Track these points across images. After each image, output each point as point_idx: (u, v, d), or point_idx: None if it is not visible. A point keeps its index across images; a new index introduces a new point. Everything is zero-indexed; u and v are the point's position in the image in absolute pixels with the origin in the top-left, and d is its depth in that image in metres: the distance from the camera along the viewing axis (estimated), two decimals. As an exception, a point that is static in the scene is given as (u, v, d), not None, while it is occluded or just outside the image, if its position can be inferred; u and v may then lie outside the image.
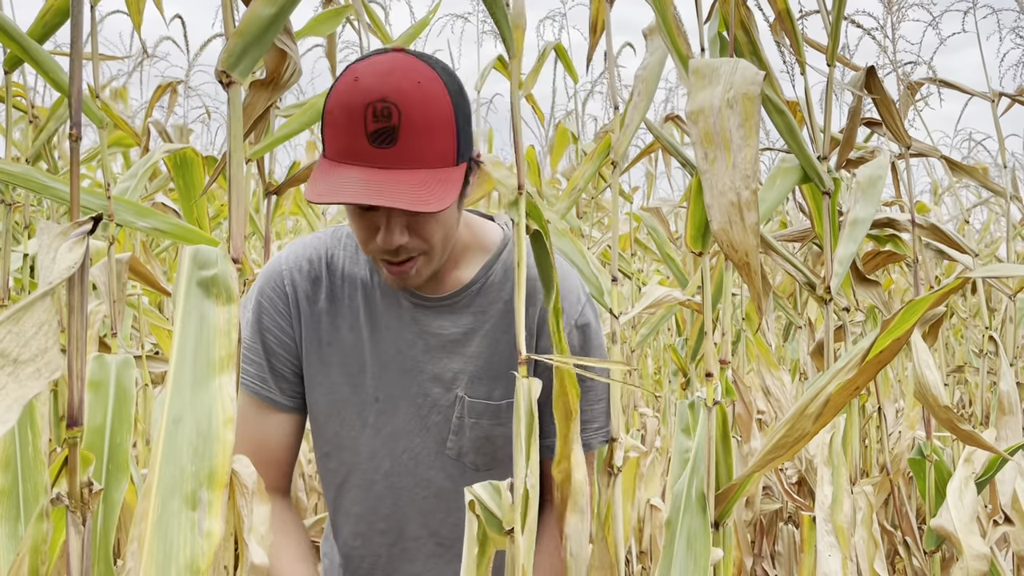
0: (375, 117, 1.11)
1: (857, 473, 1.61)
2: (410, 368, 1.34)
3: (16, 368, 0.57)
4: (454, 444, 1.34)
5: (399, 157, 1.13)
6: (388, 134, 1.12)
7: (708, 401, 1.15)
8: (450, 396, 1.32)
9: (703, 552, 1.11)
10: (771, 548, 3.43)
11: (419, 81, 1.14)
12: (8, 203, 2.11)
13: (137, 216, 2.08)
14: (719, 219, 0.94)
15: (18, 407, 0.56)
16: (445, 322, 1.33)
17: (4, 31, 1.86)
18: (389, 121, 1.11)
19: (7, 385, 0.56)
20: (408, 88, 1.13)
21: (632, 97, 1.15)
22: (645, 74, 1.27)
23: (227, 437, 0.74)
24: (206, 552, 0.72)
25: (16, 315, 0.59)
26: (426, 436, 1.35)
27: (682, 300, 1.76)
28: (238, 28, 0.71)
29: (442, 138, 1.15)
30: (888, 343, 0.96)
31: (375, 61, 1.17)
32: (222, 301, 0.76)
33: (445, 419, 1.33)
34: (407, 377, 1.34)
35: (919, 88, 1.99)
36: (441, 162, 1.15)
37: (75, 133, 0.65)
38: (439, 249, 1.25)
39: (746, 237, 0.93)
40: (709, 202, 0.94)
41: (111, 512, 1.63)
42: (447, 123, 1.15)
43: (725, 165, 0.93)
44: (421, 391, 1.34)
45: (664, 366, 4.50)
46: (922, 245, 1.96)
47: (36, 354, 0.57)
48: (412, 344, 1.33)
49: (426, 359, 1.33)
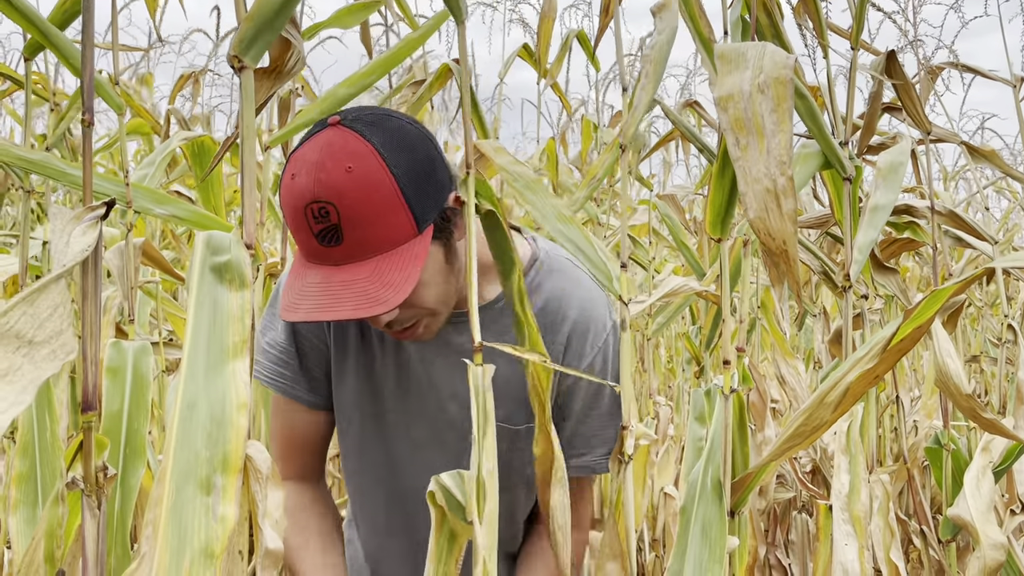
0: (315, 218, 1.09)
1: (873, 462, 1.60)
2: (429, 384, 1.33)
3: (31, 349, 0.57)
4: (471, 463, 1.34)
5: (349, 252, 1.10)
6: (332, 233, 1.09)
7: (725, 389, 1.14)
8: (467, 415, 1.32)
9: (719, 540, 1.10)
10: (784, 537, 3.42)
11: (349, 167, 1.08)
12: (27, 190, 2.12)
13: (155, 203, 2.09)
14: (755, 207, 0.92)
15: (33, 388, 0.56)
16: (465, 339, 1.31)
17: (25, 17, 1.86)
18: (328, 220, 1.08)
19: (22, 366, 0.56)
20: (339, 181, 1.08)
21: (640, 78, 1.13)
22: (653, 54, 1.25)
23: (241, 422, 0.74)
24: (220, 537, 0.72)
25: (31, 297, 0.59)
26: (443, 452, 1.35)
27: (698, 290, 1.75)
28: (249, 13, 0.70)
29: (390, 219, 1.10)
30: (910, 331, 0.95)
31: (309, 146, 1.12)
32: (235, 287, 0.76)
33: (461, 438, 1.31)
34: (426, 393, 1.34)
35: (940, 73, 1.96)
36: (397, 241, 1.11)
37: (87, 119, 0.65)
38: (438, 306, 1.22)
39: (784, 225, 0.92)
40: (743, 190, 0.92)
41: (128, 497, 1.64)
42: (391, 203, 1.10)
43: (758, 152, 0.91)
44: (439, 407, 1.33)
45: (677, 355, 4.48)
46: (941, 233, 1.93)
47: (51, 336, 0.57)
48: (432, 361, 1.32)
49: (445, 375, 1.32)
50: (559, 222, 1.35)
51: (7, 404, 0.54)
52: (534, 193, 1.32)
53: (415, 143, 1.14)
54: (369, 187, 1.08)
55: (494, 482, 0.95)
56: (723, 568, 1.08)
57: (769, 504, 3.25)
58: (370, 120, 1.14)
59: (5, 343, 0.57)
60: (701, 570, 1.08)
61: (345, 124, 1.12)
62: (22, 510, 1.64)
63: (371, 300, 1.09)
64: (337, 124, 1.12)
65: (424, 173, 1.13)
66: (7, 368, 0.55)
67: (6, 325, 0.56)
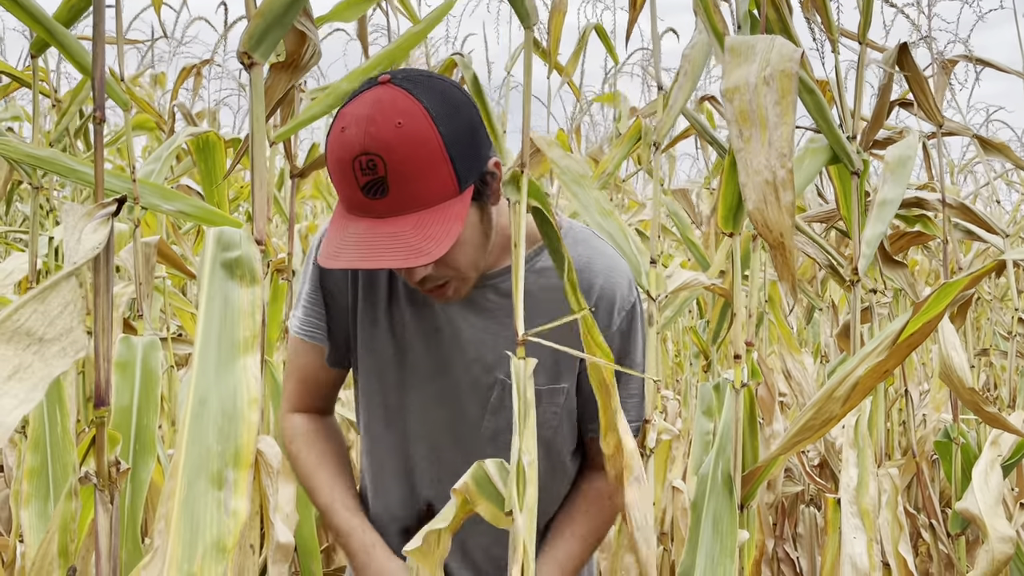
0: (363, 171, 1.13)
1: (882, 456, 1.60)
2: (453, 345, 1.36)
3: (41, 347, 0.57)
4: (491, 422, 1.36)
5: (394, 205, 1.14)
6: (378, 185, 1.13)
7: (736, 383, 1.14)
8: (490, 378, 1.34)
9: (730, 533, 1.10)
10: (792, 530, 3.42)
11: (399, 123, 1.13)
12: (35, 186, 2.13)
13: (162, 199, 2.09)
14: (754, 198, 0.93)
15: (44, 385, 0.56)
16: (490, 295, 1.33)
17: (31, 15, 1.87)
18: (376, 173, 1.13)
19: (33, 364, 0.56)
20: (389, 135, 1.12)
21: (678, 77, 1.13)
22: (693, 54, 1.24)
23: (252, 417, 0.75)
24: (232, 530, 0.72)
25: (42, 294, 0.59)
26: (464, 411, 1.37)
27: (708, 284, 1.74)
28: (259, 8, 0.70)
29: (434, 176, 1.15)
30: (919, 326, 0.95)
31: (359, 102, 1.16)
32: (246, 282, 0.76)
33: (482, 400, 1.35)
34: (450, 353, 1.36)
35: (954, 67, 1.95)
36: (440, 198, 1.16)
37: (99, 115, 0.65)
38: (469, 269, 1.27)
39: (781, 217, 0.92)
40: (744, 181, 0.93)
41: (139, 491, 1.65)
42: (437, 159, 1.14)
43: (760, 143, 0.92)
44: (464, 367, 1.36)
45: (685, 349, 4.48)
46: (951, 226, 1.92)
47: (61, 333, 0.58)
48: (456, 319, 1.35)
49: (470, 336, 1.35)
50: (599, 215, 1.37)
51: (18, 401, 0.54)
52: (580, 186, 1.35)
53: (460, 105, 1.19)
54: (417, 143, 1.13)
55: (534, 472, 0.95)
56: (735, 561, 1.08)
57: (777, 498, 3.25)
58: (419, 80, 1.18)
59: (15, 341, 0.58)
60: (713, 563, 1.08)
61: (395, 83, 1.16)
62: (34, 504, 1.65)
63: (414, 251, 1.13)
64: (387, 83, 1.17)
65: (468, 134, 1.18)
66: (17, 366, 0.55)
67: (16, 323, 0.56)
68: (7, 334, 0.56)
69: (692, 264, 4.28)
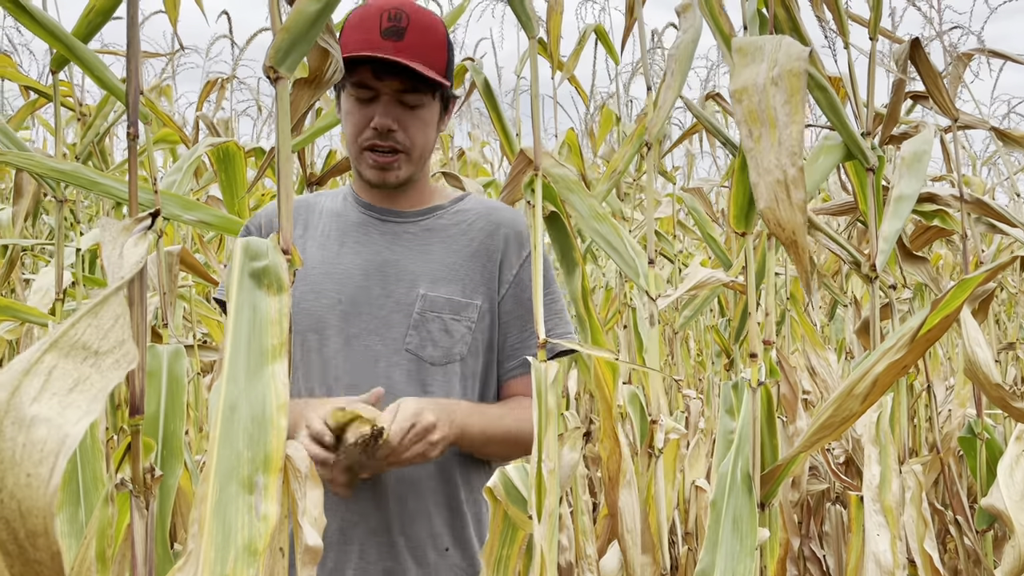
0: (388, 19, 1.36)
1: (906, 452, 1.59)
2: (375, 271, 1.46)
3: (97, 359, 0.60)
4: (414, 337, 1.44)
5: (405, 50, 1.36)
6: (397, 31, 1.36)
7: (752, 382, 1.15)
8: (412, 294, 1.45)
9: (749, 533, 1.11)
10: (818, 528, 3.40)
11: (423, 7, 1.41)
12: (60, 199, 2.17)
13: (183, 209, 2.13)
14: (765, 197, 0.94)
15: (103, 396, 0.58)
16: (411, 228, 1.51)
17: (50, 32, 1.91)
18: (399, 23, 1.36)
19: (90, 376, 0.58)
20: (415, 8, 1.40)
21: (665, 77, 1.14)
22: (678, 53, 1.26)
23: (281, 423, 0.76)
24: (263, 534, 0.74)
25: (94, 309, 0.61)
26: (386, 334, 1.44)
27: (726, 282, 1.75)
28: (285, 24, 0.72)
29: (438, 51, 1.40)
30: (937, 321, 0.95)
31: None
32: (273, 291, 0.78)
33: (406, 316, 1.45)
34: (372, 279, 1.46)
35: (969, 61, 1.94)
36: (436, 68, 1.40)
37: (132, 132, 0.67)
38: (417, 152, 1.45)
39: (793, 215, 0.93)
40: (755, 180, 0.94)
41: (167, 497, 1.68)
42: (442, 43, 1.41)
43: (770, 143, 0.93)
44: (384, 292, 1.45)
45: (707, 347, 4.47)
46: (971, 220, 1.91)
47: (114, 345, 0.60)
48: (378, 252, 1.48)
49: (391, 262, 1.47)
50: (593, 220, 1.39)
51: (81, 412, 0.56)
52: (573, 192, 1.37)
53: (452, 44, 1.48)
54: (435, 23, 1.42)
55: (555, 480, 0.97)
56: (754, 560, 1.09)
57: (802, 496, 3.24)
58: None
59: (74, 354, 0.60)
60: (733, 563, 1.09)
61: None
62: (66, 510, 1.68)
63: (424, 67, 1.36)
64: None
65: (453, 58, 1.46)
66: (77, 379, 0.58)
67: (74, 337, 0.59)
68: (65, 348, 0.59)
69: (714, 262, 4.27)
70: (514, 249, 1.49)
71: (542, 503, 0.92)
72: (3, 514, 0.54)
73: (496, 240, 1.49)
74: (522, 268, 1.48)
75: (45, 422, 0.56)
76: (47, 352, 0.60)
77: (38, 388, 0.59)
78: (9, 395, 0.57)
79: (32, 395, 0.58)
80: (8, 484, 0.55)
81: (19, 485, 0.55)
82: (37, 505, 0.55)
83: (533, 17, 0.96)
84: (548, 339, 0.98)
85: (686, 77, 1.14)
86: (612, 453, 1.12)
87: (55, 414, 0.57)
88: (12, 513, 0.54)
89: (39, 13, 1.90)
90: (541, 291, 1.05)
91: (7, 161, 1.88)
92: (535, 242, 1.02)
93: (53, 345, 0.61)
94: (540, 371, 0.98)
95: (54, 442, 0.56)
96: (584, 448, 3.44)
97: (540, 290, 1.04)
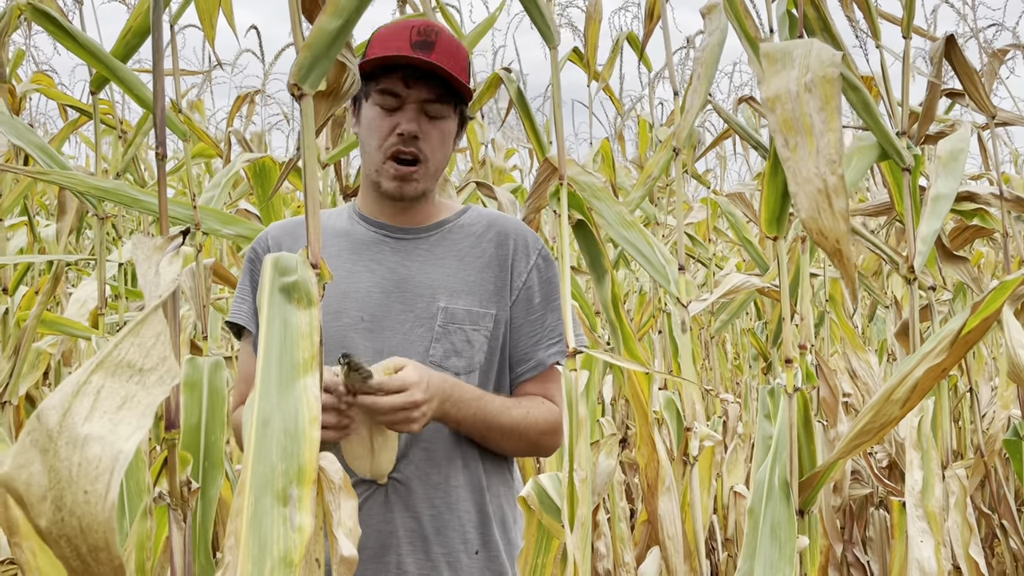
0: (419, 33, 1.40)
1: (949, 456, 1.56)
2: (393, 288, 1.48)
3: (142, 376, 0.61)
4: (438, 349, 1.46)
5: (435, 60, 1.39)
6: (427, 44, 1.40)
7: (788, 387, 1.13)
8: (432, 308, 1.47)
9: (788, 540, 1.09)
10: (862, 533, 3.34)
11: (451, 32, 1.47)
12: (101, 216, 2.22)
13: (222, 223, 2.16)
14: (806, 207, 0.92)
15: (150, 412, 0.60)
16: (423, 244, 1.53)
17: (91, 53, 1.95)
18: (429, 38, 1.40)
19: (137, 393, 0.60)
20: (444, 28, 1.45)
21: (692, 81, 1.13)
22: (704, 56, 1.25)
23: (313, 435, 0.77)
24: (298, 545, 0.75)
25: (136, 328, 0.63)
26: (410, 349, 1.46)
27: (760, 287, 1.73)
28: (307, 42, 0.73)
29: (464, 71, 1.44)
30: (977, 323, 0.93)
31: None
32: (303, 305, 0.79)
33: (428, 330, 1.47)
34: (391, 296, 1.48)
35: (1004, 56, 1.90)
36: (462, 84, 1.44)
37: (161, 152, 0.68)
38: (433, 166, 1.48)
39: (836, 224, 0.91)
40: (794, 190, 0.92)
41: (209, 507, 1.70)
42: (466, 65, 1.46)
43: (808, 151, 0.91)
44: (405, 307, 1.47)
45: (744, 351, 4.42)
46: (1012, 218, 1.87)
47: (157, 363, 0.61)
48: (393, 269, 1.50)
49: (408, 278, 1.49)
50: (621, 227, 1.39)
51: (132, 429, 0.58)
52: (600, 200, 1.37)
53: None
54: (460, 46, 1.46)
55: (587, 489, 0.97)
56: (793, 568, 1.07)
57: (844, 501, 3.18)
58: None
59: (120, 373, 0.62)
60: (771, 571, 1.07)
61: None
62: (111, 522, 1.71)
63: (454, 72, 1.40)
64: None
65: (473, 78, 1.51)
66: (125, 397, 0.59)
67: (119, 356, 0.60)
68: (112, 367, 0.60)
69: (748, 264, 4.21)
70: (522, 256, 1.52)
71: (574, 512, 0.92)
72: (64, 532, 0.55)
73: (506, 249, 1.53)
74: (530, 274, 1.52)
75: (98, 440, 0.58)
76: (94, 372, 0.62)
77: (88, 408, 0.60)
78: (61, 416, 0.58)
79: (83, 415, 0.59)
80: (67, 502, 0.56)
81: (77, 503, 0.56)
82: (97, 520, 0.56)
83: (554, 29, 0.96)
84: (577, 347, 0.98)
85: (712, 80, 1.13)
86: (650, 460, 1.12)
87: (107, 432, 0.58)
88: (73, 530, 0.56)
89: (81, 35, 1.95)
90: (568, 300, 1.05)
91: (50, 180, 1.92)
92: (561, 251, 1.02)
93: (100, 365, 0.62)
94: (570, 380, 0.97)
95: (108, 459, 0.57)
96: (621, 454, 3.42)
97: (568, 299, 1.04)
